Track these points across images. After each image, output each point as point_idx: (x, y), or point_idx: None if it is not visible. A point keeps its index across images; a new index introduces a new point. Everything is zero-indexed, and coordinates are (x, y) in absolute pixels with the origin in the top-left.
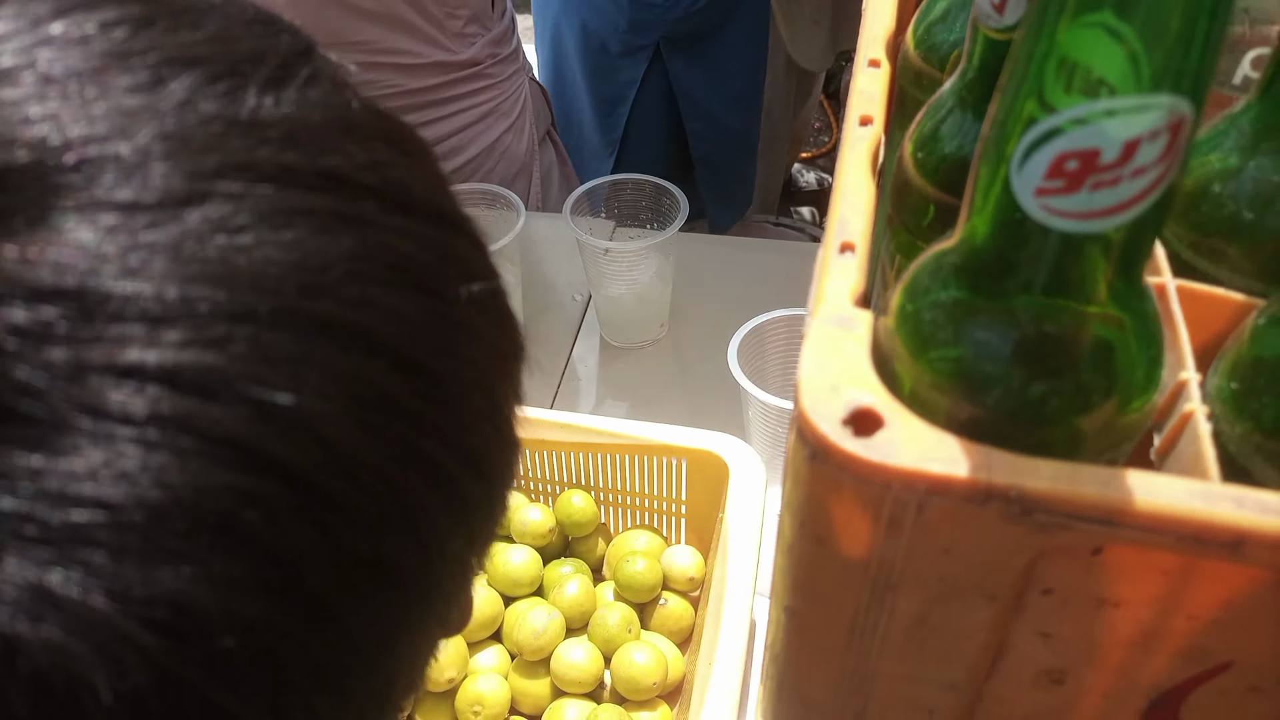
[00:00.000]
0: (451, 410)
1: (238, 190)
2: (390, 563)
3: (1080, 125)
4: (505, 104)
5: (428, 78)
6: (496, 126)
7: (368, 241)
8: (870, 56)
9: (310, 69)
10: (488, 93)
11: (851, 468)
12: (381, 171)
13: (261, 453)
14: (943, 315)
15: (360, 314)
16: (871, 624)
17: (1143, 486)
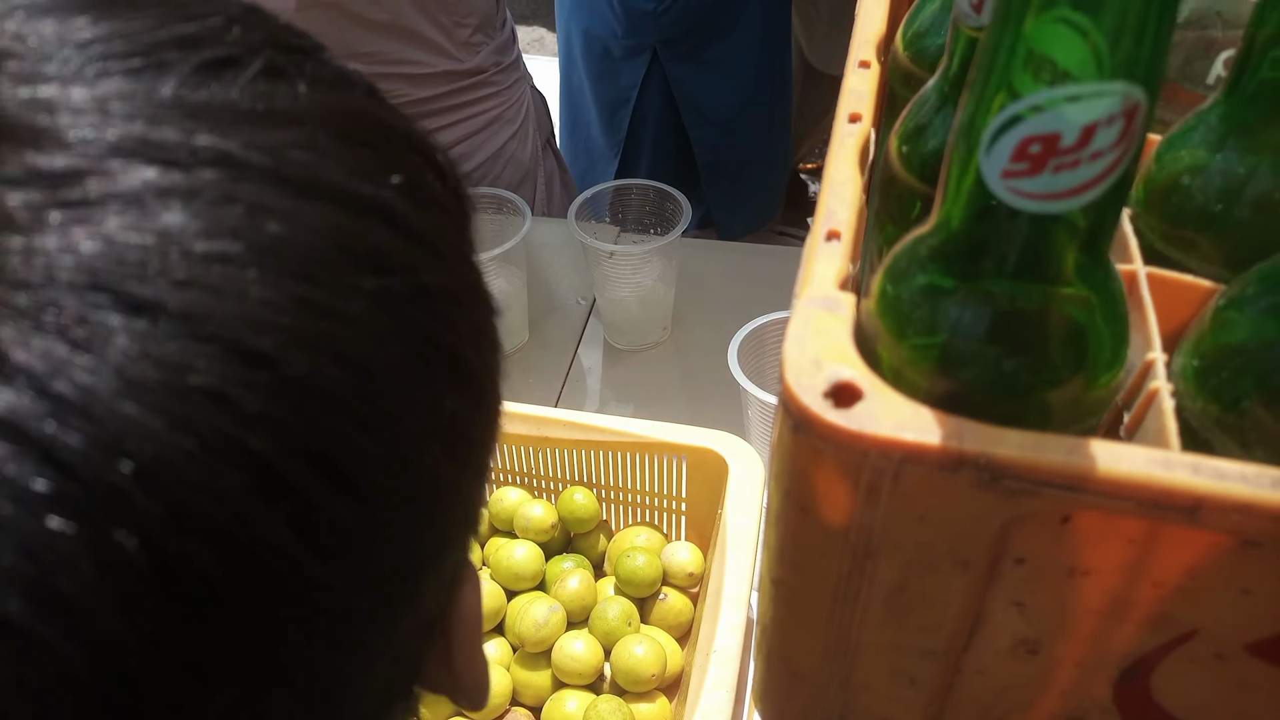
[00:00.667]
0: (299, 414)
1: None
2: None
3: (1042, 111)
4: (509, 111)
5: (435, 86)
6: (502, 133)
7: (226, 221)
8: (861, 58)
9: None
10: (492, 100)
11: (832, 437)
12: (280, 154)
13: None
14: (920, 296)
15: (188, 295)
16: (853, 592)
17: (1105, 454)
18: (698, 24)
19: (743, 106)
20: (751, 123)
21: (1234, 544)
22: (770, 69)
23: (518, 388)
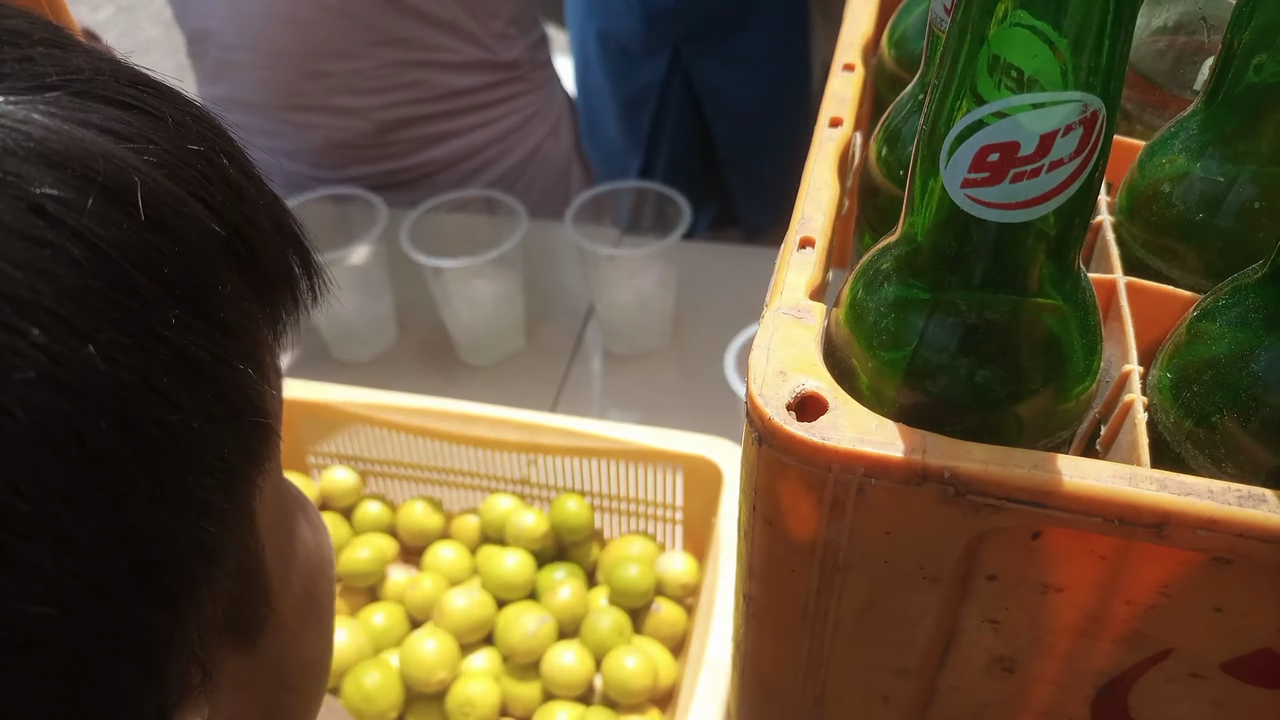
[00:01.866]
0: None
1: None
2: None
3: (1002, 118)
4: (544, 109)
5: (473, 76)
6: (537, 132)
7: None
8: (845, 61)
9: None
10: (528, 97)
11: (795, 450)
12: None
13: None
14: (888, 307)
15: None
16: (823, 608)
17: (1071, 469)
18: (718, 19)
19: (764, 100)
20: (773, 116)
21: (1204, 561)
22: (790, 61)
23: (515, 393)
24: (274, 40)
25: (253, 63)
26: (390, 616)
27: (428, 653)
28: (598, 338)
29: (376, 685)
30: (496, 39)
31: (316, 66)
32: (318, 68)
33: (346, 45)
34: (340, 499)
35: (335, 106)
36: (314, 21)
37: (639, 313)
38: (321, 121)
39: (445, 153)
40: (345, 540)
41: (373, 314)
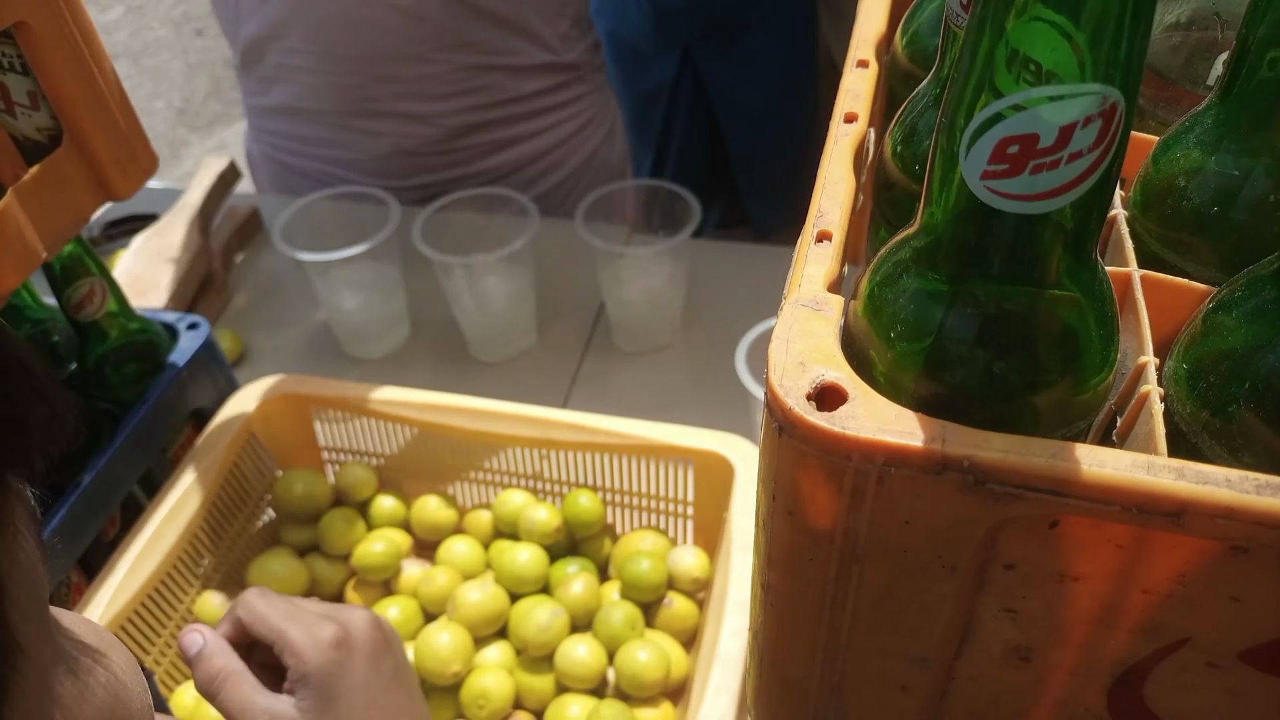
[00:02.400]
0: None
1: None
2: None
3: (1021, 110)
4: (601, 113)
5: (538, 80)
6: (594, 136)
7: None
8: (860, 57)
9: None
10: (587, 100)
11: (816, 440)
12: None
13: None
14: (906, 298)
15: None
16: (841, 597)
17: (1089, 458)
18: (728, 19)
19: (773, 98)
20: (782, 114)
21: (1222, 550)
22: (799, 60)
23: (526, 389)
24: (343, 44)
25: (318, 68)
26: (405, 610)
27: (442, 645)
28: (608, 335)
29: None
30: (561, 39)
31: (386, 71)
32: (387, 72)
33: (418, 49)
34: (355, 493)
35: (404, 112)
36: (386, 25)
37: (649, 310)
38: (389, 128)
39: (510, 158)
40: (360, 535)
41: (385, 311)
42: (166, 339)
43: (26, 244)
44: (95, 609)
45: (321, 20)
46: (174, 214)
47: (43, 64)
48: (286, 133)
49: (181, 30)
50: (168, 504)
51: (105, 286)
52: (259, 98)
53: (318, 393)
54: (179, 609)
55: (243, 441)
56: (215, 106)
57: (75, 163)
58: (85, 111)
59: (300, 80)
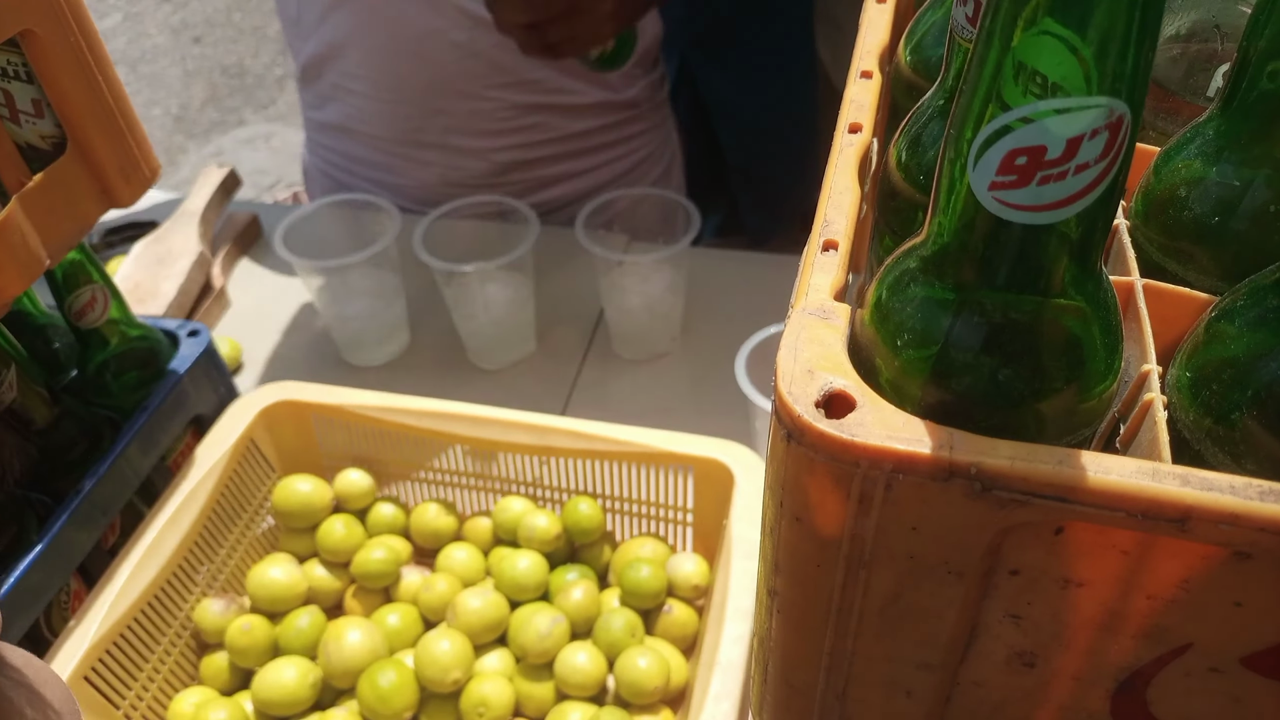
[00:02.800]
0: None
1: None
2: None
3: (1029, 123)
4: (659, 150)
5: (593, 118)
6: (650, 173)
7: None
8: (863, 68)
9: None
10: (644, 138)
11: (824, 447)
12: None
13: None
14: (913, 307)
15: None
16: (848, 603)
17: (1095, 465)
18: (725, 28)
19: (771, 108)
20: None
21: (1225, 556)
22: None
23: (525, 397)
24: (398, 74)
25: (371, 93)
26: (405, 617)
27: (442, 653)
28: (607, 342)
29: (392, 685)
30: (621, 77)
31: (438, 104)
32: (439, 105)
33: (471, 85)
34: (354, 501)
35: (453, 145)
36: (441, 59)
37: (648, 318)
38: (437, 159)
39: (558, 194)
40: (360, 542)
41: (385, 319)
42: (167, 346)
43: (30, 251)
44: (95, 616)
45: (378, 48)
46: (174, 221)
47: (47, 72)
48: (340, 150)
49: (180, 37)
50: (167, 511)
51: (107, 293)
52: (316, 111)
53: (317, 400)
54: (178, 616)
55: (242, 449)
56: (212, 114)
57: (79, 170)
58: (89, 119)
59: (354, 103)
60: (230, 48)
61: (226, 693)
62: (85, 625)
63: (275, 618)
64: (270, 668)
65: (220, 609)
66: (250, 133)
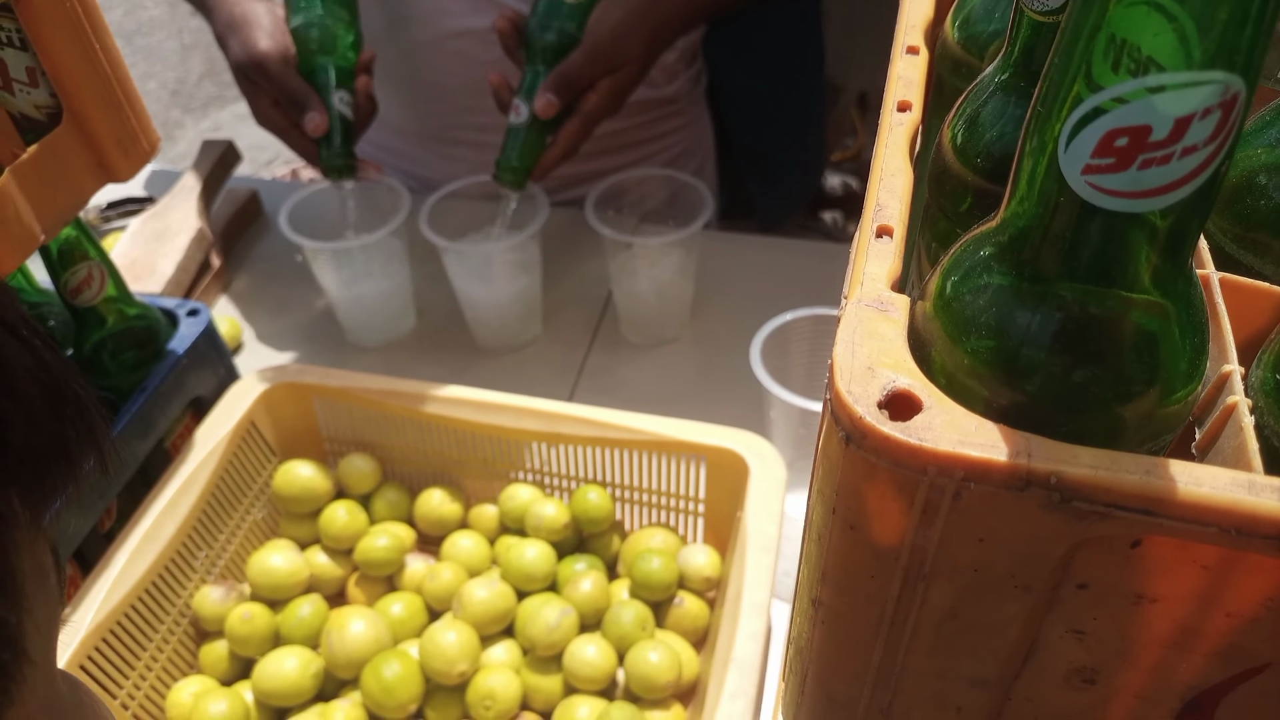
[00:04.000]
0: None
1: None
2: None
3: (1129, 102)
4: (694, 145)
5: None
6: (687, 168)
7: None
8: (909, 43)
9: None
10: (680, 134)
11: (888, 451)
12: None
13: None
14: (984, 299)
15: None
16: (902, 616)
17: (1186, 476)
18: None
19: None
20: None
21: None
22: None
23: (531, 382)
24: (431, 71)
25: (404, 87)
26: (409, 606)
27: (449, 644)
28: (615, 326)
29: (397, 677)
30: (662, 72)
31: (473, 102)
32: (474, 103)
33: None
34: (357, 486)
35: (486, 143)
36: (475, 57)
37: (658, 302)
38: (468, 155)
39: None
40: (363, 528)
41: (390, 300)
42: (166, 325)
43: (24, 225)
44: (91, 603)
45: (413, 44)
46: (172, 196)
47: (43, 39)
48: (374, 140)
49: (176, 10)
50: (165, 495)
51: (104, 271)
52: None
53: (320, 383)
54: (176, 603)
55: (243, 432)
56: (210, 88)
57: (75, 142)
58: (86, 89)
59: (387, 95)
60: None
61: (226, 682)
62: (81, 613)
63: (276, 606)
64: (271, 657)
65: (220, 596)
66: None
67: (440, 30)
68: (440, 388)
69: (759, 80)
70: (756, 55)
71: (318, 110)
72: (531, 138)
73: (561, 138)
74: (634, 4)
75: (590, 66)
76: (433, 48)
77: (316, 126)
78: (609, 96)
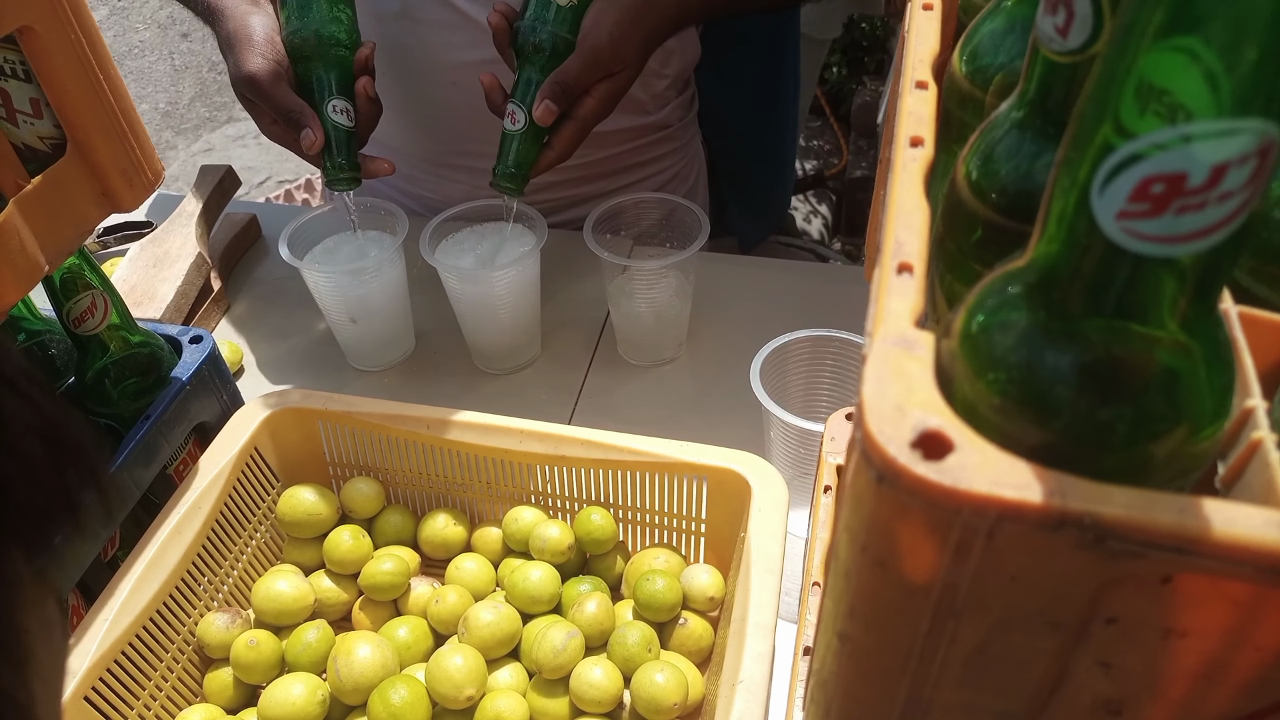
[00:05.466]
0: None
1: None
2: None
3: (1166, 150)
4: (685, 169)
5: (619, 144)
6: (678, 192)
7: None
8: (918, 78)
9: None
10: (671, 158)
11: (921, 492)
12: None
13: None
14: (1011, 337)
15: None
16: (930, 652)
17: (1220, 515)
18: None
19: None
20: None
21: None
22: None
23: (531, 403)
24: (428, 97)
25: (402, 111)
26: (414, 630)
27: (456, 668)
28: (613, 347)
29: (405, 702)
30: (654, 99)
31: (469, 132)
32: (470, 133)
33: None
34: (361, 510)
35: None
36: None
37: (655, 324)
38: (465, 180)
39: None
40: (367, 553)
41: (390, 323)
42: (169, 352)
43: (28, 257)
44: (95, 632)
45: (412, 70)
46: (171, 222)
47: (46, 70)
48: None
49: (167, 33)
50: (170, 522)
51: (107, 299)
52: None
53: (324, 407)
54: (181, 631)
55: (246, 457)
56: (201, 110)
57: (79, 172)
58: (90, 119)
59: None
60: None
61: (232, 710)
62: (85, 643)
63: (281, 632)
64: (278, 684)
65: (225, 623)
66: (240, 129)
67: (439, 62)
68: (444, 411)
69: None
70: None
71: (312, 126)
72: (528, 143)
73: (557, 142)
74: (628, 6)
75: (588, 73)
76: (430, 79)
77: (312, 144)
78: (604, 101)
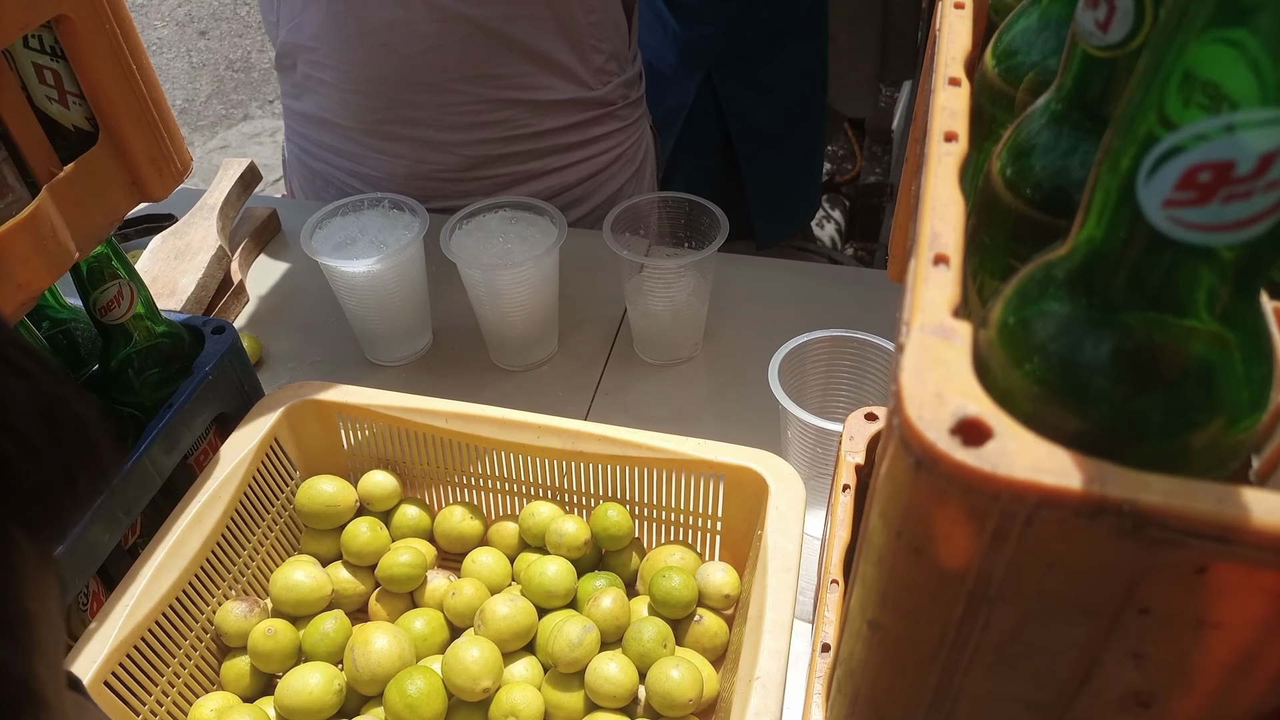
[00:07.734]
0: None
1: None
2: None
3: (1212, 139)
4: (630, 149)
5: (564, 116)
6: (622, 174)
7: None
8: (951, 75)
9: None
10: (616, 137)
11: (960, 478)
12: None
13: None
14: (1051, 326)
15: None
16: (963, 639)
17: (1260, 504)
18: (750, 45)
19: (784, 120)
20: (793, 135)
21: None
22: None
23: (547, 399)
24: (366, 66)
25: (341, 84)
26: (431, 623)
27: (472, 660)
28: (629, 345)
29: (421, 693)
30: (594, 74)
31: (405, 96)
32: (407, 97)
33: (438, 78)
34: (379, 503)
35: (421, 139)
36: (408, 50)
37: (673, 323)
38: (405, 152)
39: (529, 191)
40: (384, 545)
41: (409, 318)
42: (191, 343)
43: (60, 244)
44: (115, 619)
45: (348, 39)
46: (193, 215)
47: (81, 58)
48: (314, 139)
49: (185, 30)
50: (190, 511)
51: (133, 288)
52: (293, 100)
53: (342, 400)
54: (199, 619)
55: (266, 448)
56: (218, 107)
57: (110, 161)
58: (122, 108)
59: (325, 93)
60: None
61: (248, 698)
62: (105, 628)
63: (299, 621)
64: (295, 673)
65: (243, 612)
66: (255, 127)
67: (368, 25)
68: (462, 405)
69: (769, 112)
70: (769, 91)
71: None
72: None
73: None
74: None
75: None
76: (365, 44)
77: None
78: None
